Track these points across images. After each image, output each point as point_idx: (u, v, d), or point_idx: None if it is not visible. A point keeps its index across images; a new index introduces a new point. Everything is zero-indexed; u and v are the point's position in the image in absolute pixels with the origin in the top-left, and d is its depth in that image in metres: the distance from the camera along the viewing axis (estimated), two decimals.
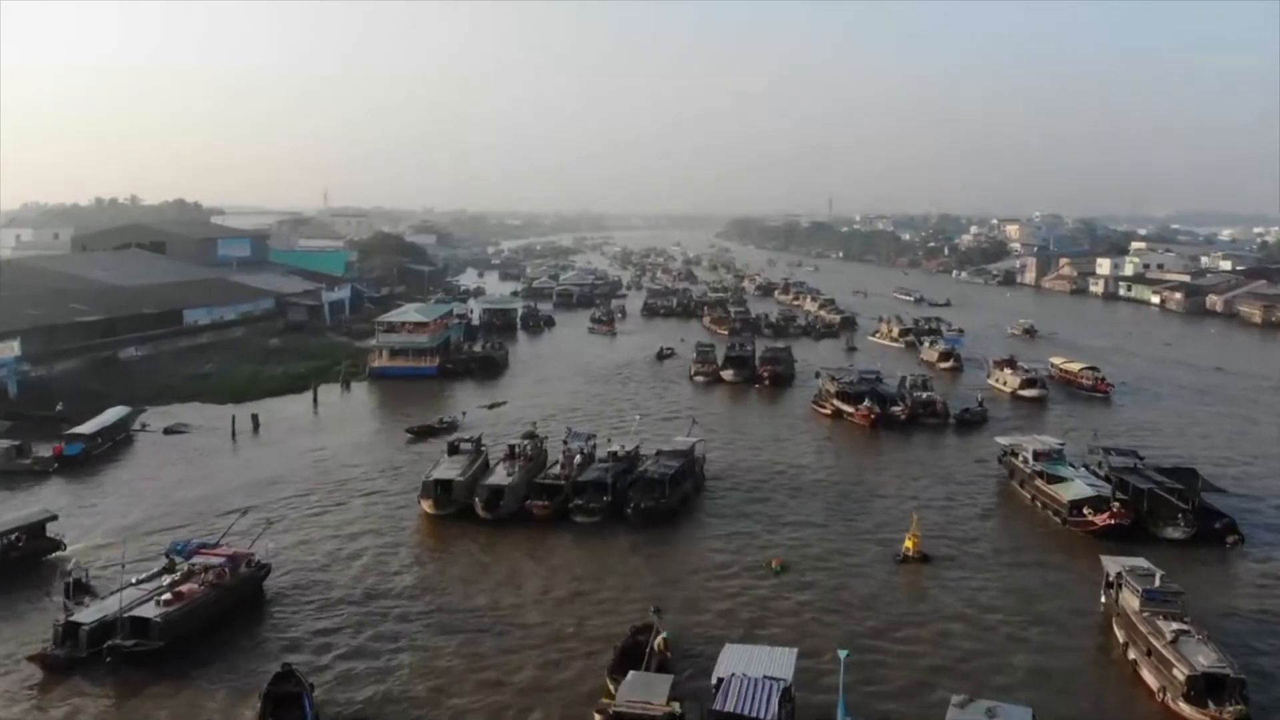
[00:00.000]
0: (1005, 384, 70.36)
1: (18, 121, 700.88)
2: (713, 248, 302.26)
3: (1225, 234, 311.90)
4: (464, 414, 59.96)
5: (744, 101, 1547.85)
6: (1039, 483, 43.75)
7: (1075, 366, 73.21)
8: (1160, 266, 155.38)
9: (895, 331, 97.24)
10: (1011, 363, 73.24)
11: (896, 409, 59.85)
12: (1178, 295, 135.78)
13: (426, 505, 41.16)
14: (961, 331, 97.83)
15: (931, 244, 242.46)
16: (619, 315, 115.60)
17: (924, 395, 62.27)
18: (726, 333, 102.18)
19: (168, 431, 57.19)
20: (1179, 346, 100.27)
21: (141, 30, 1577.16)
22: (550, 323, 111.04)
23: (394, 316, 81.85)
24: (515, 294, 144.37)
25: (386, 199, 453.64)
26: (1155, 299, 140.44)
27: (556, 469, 44.29)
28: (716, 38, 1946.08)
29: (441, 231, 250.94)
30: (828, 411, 62.41)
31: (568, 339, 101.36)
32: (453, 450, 45.94)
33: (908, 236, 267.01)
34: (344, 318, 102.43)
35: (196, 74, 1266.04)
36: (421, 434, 55.96)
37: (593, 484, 41.73)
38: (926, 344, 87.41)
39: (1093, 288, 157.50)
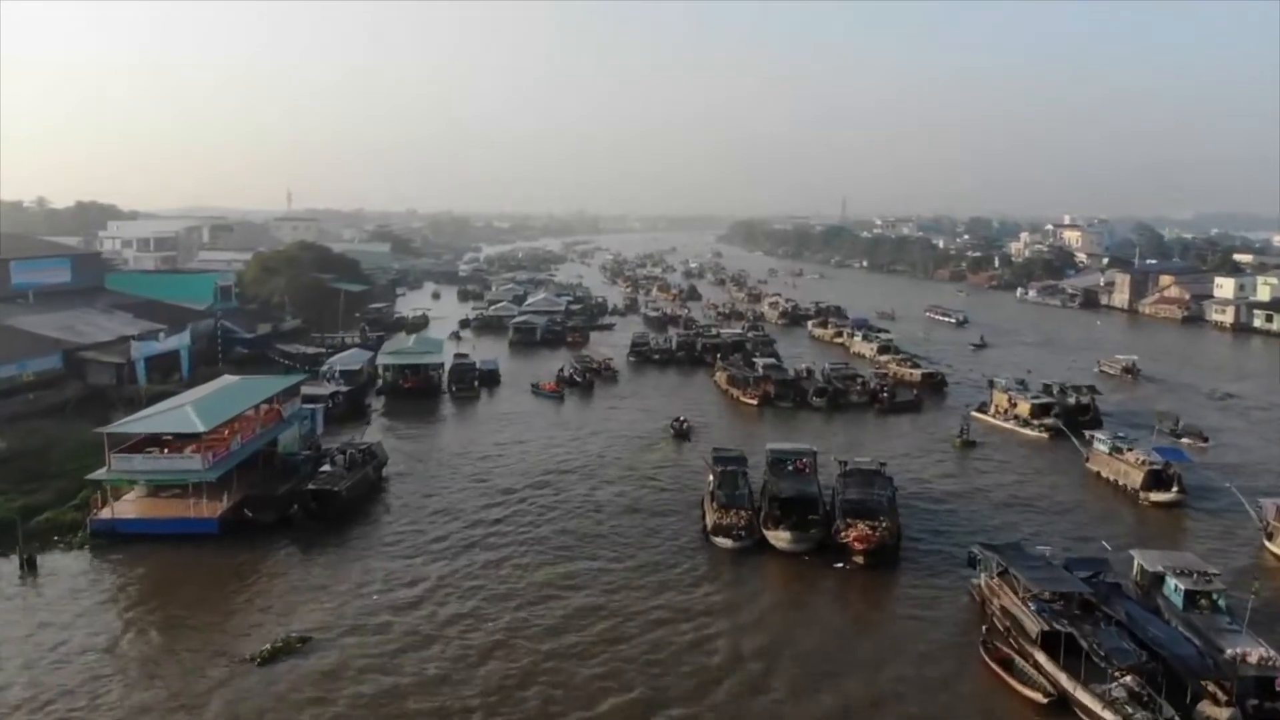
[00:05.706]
0: None
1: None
2: (715, 254, 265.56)
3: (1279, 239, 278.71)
4: None
5: (744, 101, 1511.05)
6: None
7: None
8: None
9: (1026, 408, 60.12)
10: None
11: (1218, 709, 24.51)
12: None
13: None
14: (1203, 440, 55.98)
15: (975, 253, 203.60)
16: (604, 367, 78.75)
17: (1253, 659, 26.72)
18: (755, 402, 67.30)
19: None
20: None
21: (135, 31, 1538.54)
22: (493, 379, 74.95)
23: (142, 420, 41.25)
24: (464, 323, 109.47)
25: (380, 201, 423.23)
26: None
27: None
28: (717, 36, 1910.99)
29: (400, 237, 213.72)
30: (1038, 695, 26.92)
31: (512, 410, 66.30)
32: None
33: (940, 243, 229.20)
34: (176, 379, 66.33)
35: (189, 75, 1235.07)
36: None
37: None
38: (1103, 443, 49.64)
39: (1215, 315, 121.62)
